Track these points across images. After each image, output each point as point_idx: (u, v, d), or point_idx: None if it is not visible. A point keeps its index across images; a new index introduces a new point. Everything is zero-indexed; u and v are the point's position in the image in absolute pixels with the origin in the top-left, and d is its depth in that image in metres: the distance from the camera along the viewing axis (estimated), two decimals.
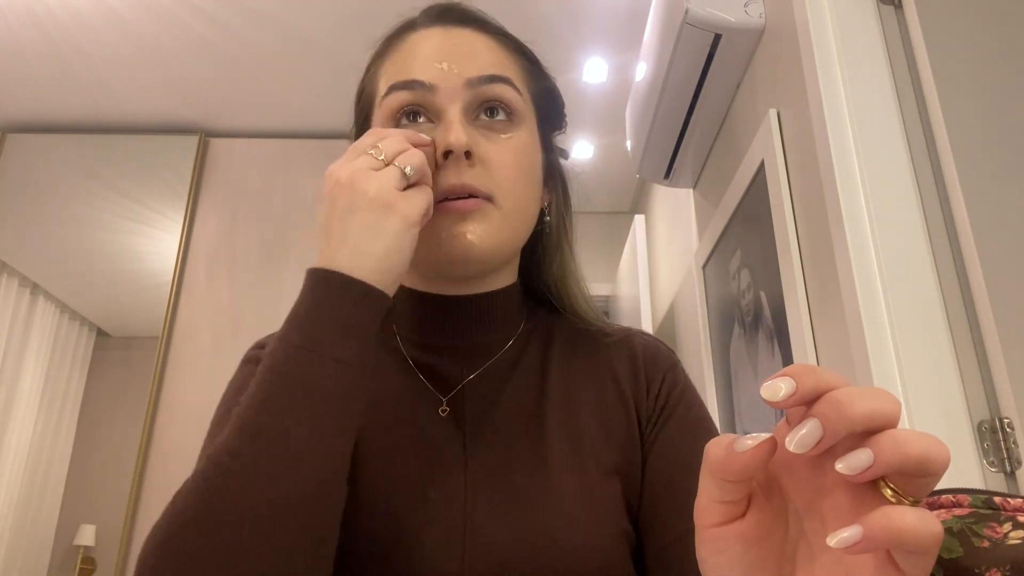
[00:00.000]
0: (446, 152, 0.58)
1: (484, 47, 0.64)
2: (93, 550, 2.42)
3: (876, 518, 0.28)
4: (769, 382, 0.31)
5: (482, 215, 0.58)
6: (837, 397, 0.30)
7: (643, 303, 2.38)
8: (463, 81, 0.60)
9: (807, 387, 0.30)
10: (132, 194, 2.81)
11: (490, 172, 0.59)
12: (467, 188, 0.58)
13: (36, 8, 2.34)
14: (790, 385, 0.30)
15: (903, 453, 0.29)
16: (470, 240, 0.58)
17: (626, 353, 0.67)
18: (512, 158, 0.61)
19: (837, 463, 0.30)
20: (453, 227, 0.58)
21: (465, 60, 0.62)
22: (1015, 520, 0.34)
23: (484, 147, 0.60)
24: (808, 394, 0.30)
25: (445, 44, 0.63)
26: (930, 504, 0.37)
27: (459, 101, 0.60)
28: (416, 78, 0.60)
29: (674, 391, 0.65)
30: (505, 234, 0.60)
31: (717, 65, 1.60)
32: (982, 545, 0.33)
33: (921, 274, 1.06)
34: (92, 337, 2.71)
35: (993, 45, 1.15)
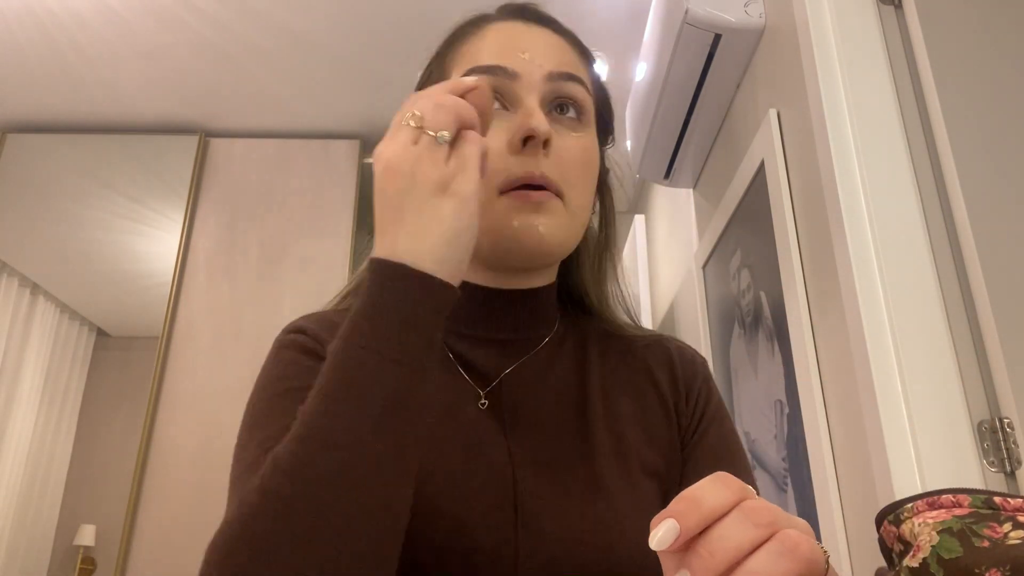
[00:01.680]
0: (525, 138, 0.57)
1: (561, 47, 0.65)
2: (93, 550, 2.42)
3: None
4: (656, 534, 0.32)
5: (552, 209, 0.59)
6: None
7: (643, 303, 2.38)
8: (544, 73, 0.61)
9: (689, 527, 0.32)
10: (132, 194, 2.81)
11: (561, 166, 0.60)
12: (543, 179, 0.58)
13: (36, 8, 2.34)
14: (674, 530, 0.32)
15: None
16: (541, 233, 0.58)
17: (663, 358, 0.68)
18: (581, 155, 0.62)
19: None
20: (526, 217, 0.58)
21: (546, 54, 0.62)
22: (1015, 520, 0.34)
23: (558, 140, 0.60)
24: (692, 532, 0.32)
25: (527, 36, 0.63)
26: (930, 504, 0.37)
27: (537, 92, 0.61)
28: (499, 63, 0.61)
29: (711, 403, 0.66)
30: (569, 231, 0.61)
31: (717, 65, 1.60)
32: (982, 545, 0.33)
33: (921, 274, 1.06)
34: (92, 337, 2.71)
35: (993, 45, 1.15)
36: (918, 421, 0.97)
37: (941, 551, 0.33)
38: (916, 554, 0.34)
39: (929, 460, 0.96)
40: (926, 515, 0.35)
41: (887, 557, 0.40)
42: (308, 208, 2.81)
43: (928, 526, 0.35)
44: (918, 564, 0.34)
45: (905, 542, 0.36)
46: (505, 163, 0.58)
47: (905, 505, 0.37)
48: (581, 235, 0.65)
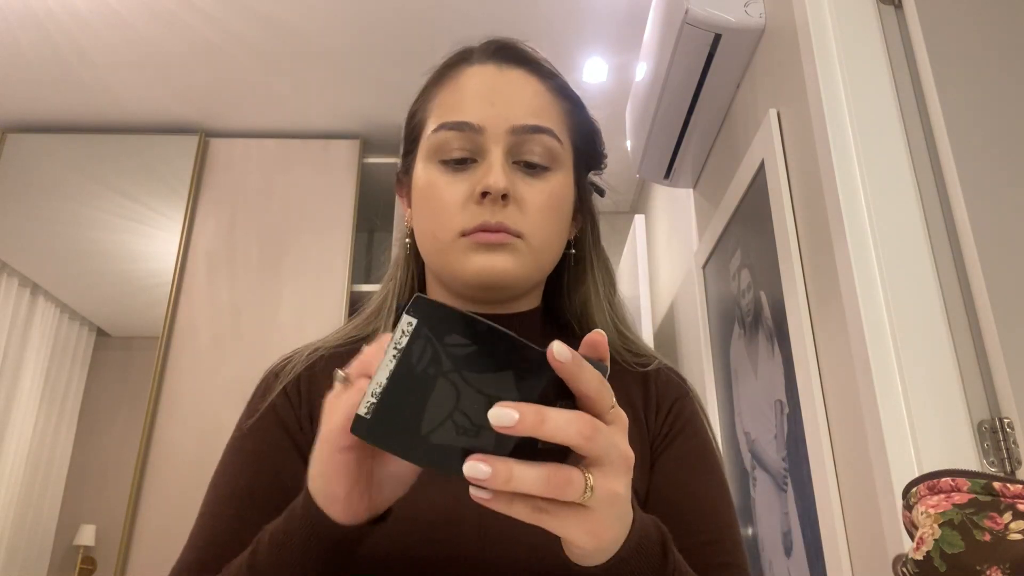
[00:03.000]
0: (484, 192, 0.63)
1: (532, 92, 0.69)
2: (93, 550, 2.42)
3: None
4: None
5: (511, 248, 0.63)
6: None
7: (643, 303, 2.38)
8: (509, 127, 0.65)
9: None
10: (132, 194, 2.81)
11: (523, 212, 0.64)
12: (500, 226, 0.63)
13: (36, 8, 2.34)
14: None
15: None
16: (497, 270, 0.62)
17: (640, 379, 0.71)
18: (545, 199, 0.66)
19: None
20: (481, 256, 0.63)
21: (513, 105, 0.67)
22: (1015, 509, 0.34)
23: (520, 189, 0.65)
24: None
25: (497, 84, 0.68)
26: (930, 488, 0.37)
27: (502, 145, 0.65)
28: (465, 119, 0.65)
29: (681, 416, 0.68)
30: (530, 266, 0.65)
31: (717, 65, 1.60)
32: (983, 539, 0.33)
33: (921, 274, 1.06)
34: (92, 337, 2.71)
35: (993, 45, 1.15)
36: (918, 421, 0.97)
37: (944, 545, 0.33)
38: (920, 547, 0.34)
39: (929, 460, 0.96)
40: (927, 501, 0.35)
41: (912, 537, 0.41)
42: (308, 208, 2.81)
43: (929, 517, 0.35)
44: (922, 557, 0.34)
45: (917, 527, 0.36)
46: (466, 212, 0.64)
47: (911, 490, 0.37)
48: (549, 266, 0.69)
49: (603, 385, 0.38)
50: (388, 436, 0.36)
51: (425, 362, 0.36)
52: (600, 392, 0.37)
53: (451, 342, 0.36)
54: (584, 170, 0.75)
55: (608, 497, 0.37)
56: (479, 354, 0.36)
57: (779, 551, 1.42)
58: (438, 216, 0.65)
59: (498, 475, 0.34)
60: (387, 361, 0.36)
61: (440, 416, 0.35)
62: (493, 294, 0.66)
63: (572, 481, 0.36)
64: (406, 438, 0.36)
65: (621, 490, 0.38)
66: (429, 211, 0.66)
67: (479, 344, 0.36)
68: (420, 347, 0.36)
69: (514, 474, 0.35)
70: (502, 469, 0.34)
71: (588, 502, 0.37)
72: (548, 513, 0.36)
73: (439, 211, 0.64)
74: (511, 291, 0.67)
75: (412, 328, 0.36)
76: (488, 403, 0.35)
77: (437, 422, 0.35)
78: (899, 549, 0.94)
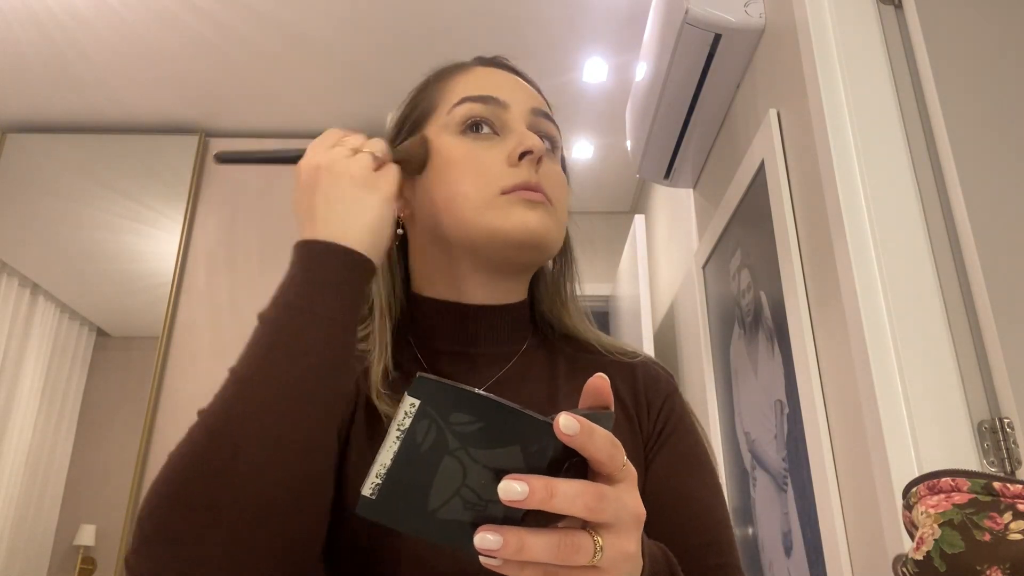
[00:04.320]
0: (523, 153, 0.65)
1: (535, 94, 0.74)
2: (93, 550, 2.42)
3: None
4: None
5: (546, 210, 0.66)
6: None
7: (643, 303, 2.38)
8: (530, 107, 0.70)
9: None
10: (132, 194, 2.81)
11: (550, 182, 0.68)
12: (538, 186, 0.66)
13: (36, 8, 2.34)
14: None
15: None
16: (539, 226, 0.65)
17: (627, 374, 0.72)
18: (561, 178, 0.71)
19: None
20: (524, 211, 0.65)
21: (529, 93, 0.72)
22: (1015, 509, 0.34)
23: (546, 162, 0.69)
24: None
25: (508, 79, 0.73)
26: (930, 487, 0.37)
27: (524, 122, 0.69)
28: (492, 94, 0.69)
29: (672, 416, 0.69)
30: (557, 233, 0.68)
31: (717, 65, 1.60)
32: (983, 539, 0.33)
33: (921, 274, 1.06)
34: (92, 337, 2.71)
35: (993, 45, 1.15)
36: (918, 421, 0.97)
37: (944, 545, 0.33)
38: (920, 547, 0.34)
39: (929, 460, 0.96)
40: (927, 501, 0.35)
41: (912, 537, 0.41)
42: None
43: (930, 517, 0.35)
44: (922, 557, 0.34)
45: (917, 527, 0.36)
46: (504, 173, 0.66)
47: (911, 490, 0.37)
48: (562, 241, 0.71)
49: (614, 447, 0.38)
50: (395, 515, 0.36)
51: (430, 442, 0.35)
52: (612, 456, 0.38)
53: (456, 420, 0.35)
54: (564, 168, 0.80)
55: (619, 556, 0.38)
56: (485, 430, 0.35)
57: (779, 551, 1.42)
58: (473, 177, 0.65)
59: (509, 545, 0.35)
60: (391, 443, 0.36)
61: (448, 493, 0.36)
62: (528, 254, 0.67)
63: (582, 547, 0.36)
64: (414, 516, 0.36)
65: (632, 549, 0.39)
66: (459, 174, 0.66)
67: (485, 421, 0.35)
68: (424, 427, 0.36)
69: (525, 544, 0.35)
70: (512, 540, 0.35)
71: (600, 563, 0.37)
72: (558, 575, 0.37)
73: (474, 172, 0.65)
74: (544, 252, 0.68)
75: (415, 409, 0.36)
76: (496, 477, 0.35)
77: (445, 499, 0.36)
78: (899, 549, 0.94)
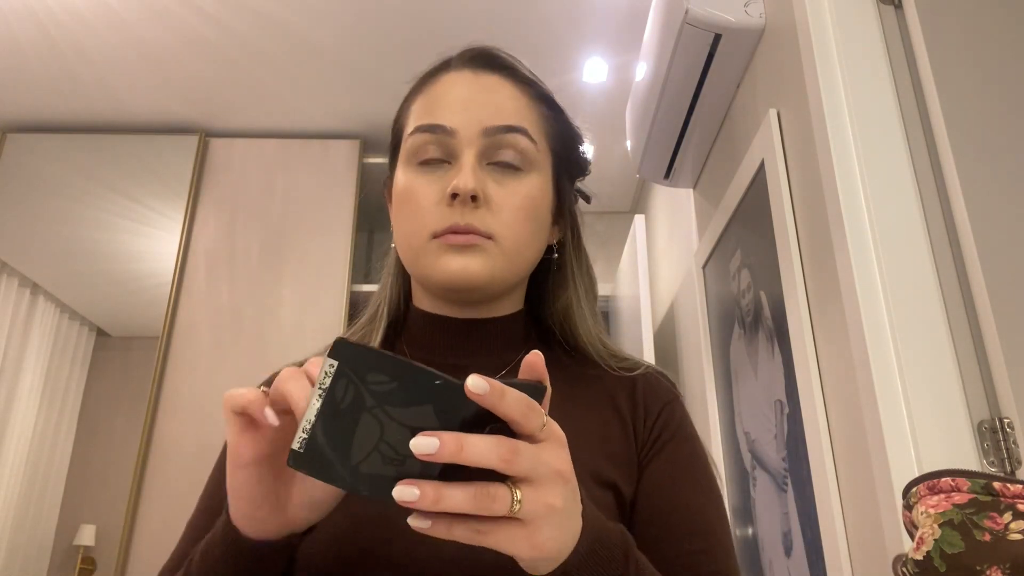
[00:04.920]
0: (453, 193, 0.63)
1: (507, 96, 0.70)
2: (93, 550, 2.42)
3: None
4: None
5: (480, 250, 0.64)
6: None
7: (643, 303, 2.38)
8: (481, 128, 0.66)
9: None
10: (132, 194, 2.81)
11: (494, 213, 0.65)
12: (468, 227, 0.64)
13: (36, 8, 2.34)
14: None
15: None
16: (467, 272, 0.63)
17: (626, 383, 0.71)
18: (519, 201, 0.67)
19: None
20: (451, 257, 0.64)
21: (486, 108, 0.68)
22: (1015, 509, 0.34)
23: (492, 190, 0.66)
24: None
25: (472, 89, 0.69)
26: (930, 487, 0.37)
27: (475, 146, 0.66)
28: (439, 122, 0.67)
29: (670, 424, 0.68)
30: (502, 268, 0.66)
31: (717, 65, 1.60)
32: (983, 539, 0.33)
33: (921, 274, 1.06)
34: (92, 337, 2.71)
35: (993, 45, 1.15)
36: (918, 421, 0.97)
37: (944, 545, 0.33)
38: (920, 547, 0.34)
39: (929, 460, 0.96)
40: (927, 501, 0.35)
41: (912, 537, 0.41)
42: (308, 208, 2.80)
43: (930, 517, 0.35)
44: (922, 557, 0.34)
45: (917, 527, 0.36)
46: (437, 214, 0.65)
47: (911, 490, 0.37)
48: (524, 269, 0.70)
49: (529, 408, 0.40)
50: (320, 467, 0.39)
51: (348, 400, 0.39)
52: (526, 415, 0.39)
53: (372, 380, 0.38)
54: (565, 175, 0.75)
55: (540, 509, 0.39)
56: (399, 389, 0.38)
57: (779, 551, 1.42)
58: (412, 218, 0.66)
59: (426, 496, 0.36)
60: (314, 400, 0.39)
61: (367, 448, 0.38)
62: (465, 296, 0.67)
63: (498, 496, 0.38)
64: (337, 469, 0.38)
65: (556, 503, 0.40)
66: (404, 214, 0.67)
67: (399, 381, 0.38)
68: (343, 386, 0.39)
69: (442, 495, 0.37)
70: (429, 491, 0.36)
71: (522, 516, 0.39)
72: (486, 533, 0.39)
73: (413, 213, 0.66)
74: (482, 293, 0.67)
75: (334, 370, 0.39)
76: (412, 434, 0.37)
77: (365, 453, 0.38)
78: (899, 549, 0.94)
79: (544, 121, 0.72)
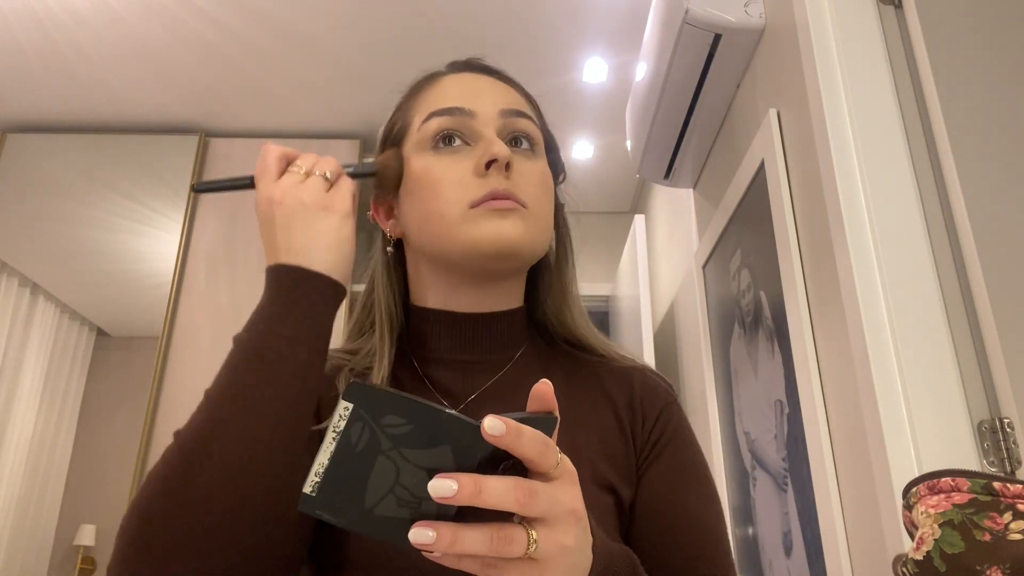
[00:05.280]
0: (489, 162, 0.65)
1: (509, 91, 0.73)
2: (93, 550, 2.42)
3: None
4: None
5: (519, 216, 0.65)
6: None
7: (643, 303, 2.38)
8: (498, 110, 0.69)
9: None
10: (132, 194, 2.81)
11: (523, 184, 0.66)
12: (507, 192, 0.65)
13: (36, 8, 2.34)
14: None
15: None
16: (512, 235, 0.64)
17: (624, 382, 0.71)
18: (539, 177, 0.69)
19: None
20: (494, 222, 0.64)
21: (499, 94, 0.71)
22: (1015, 509, 0.34)
23: (518, 163, 0.67)
24: None
25: (478, 83, 0.72)
26: (930, 487, 0.37)
27: (493, 126, 0.68)
28: (456, 105, 0.69)
29: (668, 428, 0.69)
30: (536, 237, 0.67)
31: (717, 65, 1.60)
32: (983, 539, 0.33)
33: (921, 274, 1.06)
34: (92, 337, 2.71)
35: (993, 45, 1.15)
36: (918, 421, 0.97)
37: (944, 545, 0.33)
38: (920, 547, 0.34)
39: (929, 460, 0.96)
40: (927, 501, 0.35)
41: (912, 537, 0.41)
42: None
43: (930, 517, 0.35)
44: (922, 557, 0.34)
45: (917, 527, 0.36)
46: (472, 185, 0.65)
47: (911, 490, 0.37)
48: (546, 246, 0.70)
49: (544, 446, 0.39)
50: (333, 510, 0.38)
51: (364, 443, 0.38)
52: (542, 454, 0.39)
53: (388, 423, 0.38)
54: (555, 171, 0.77)
55: (555, 550, 0.39)
56: (416, 432, 0.37)
57: (779, 551, 1.42)
58: (444, 194, 0.65)
59: (442, 539, 0.36)
60: (328, 443, 0.38)
61: (382, 491, 0.38)
62: (505, 263, 0.66)
63: (514, 539, 0.38)
64: (352, 512, 0.38)
65: (569, 542, 0.40)
66: (430, 193, 0.66)
67: (415, 423, 0.37)
68: (358, 429, 0.38)
69: (458, 537, 0.37)
70: (446, 533, 0.36)
71: (535, 555, 0.39)
72: (497, 568, 0.38)
73: (444, 189, 0.65)
74: (522, 259, 0.67)
75: (349, 412, 0.38)
76: (428, 476, 0.37)
77: (380, 496, 0.38)
78: (899, 549, 0.94)
79: (538, 117, 0.75)
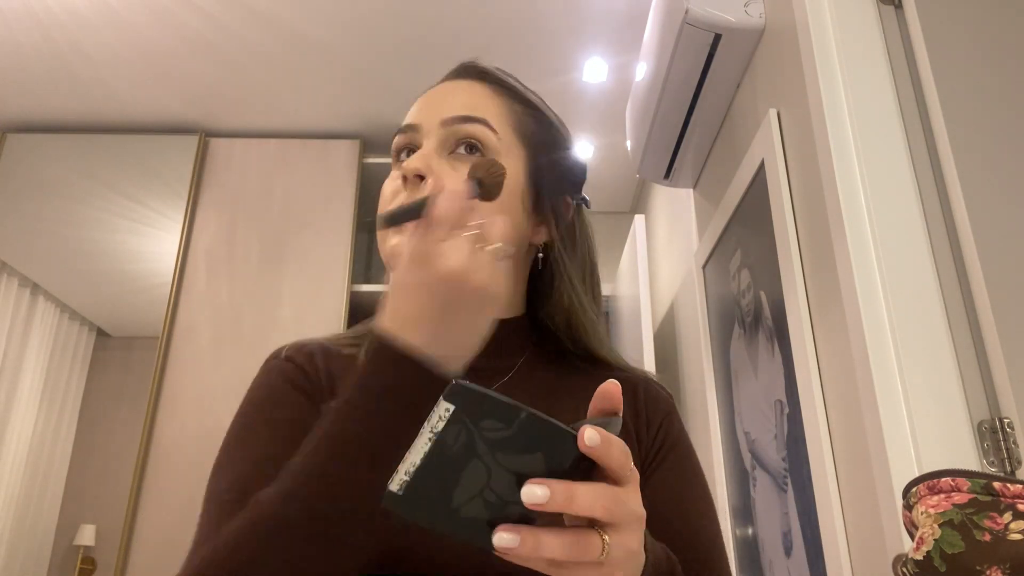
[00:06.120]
0: (403, 177, 0.67)
1: (472, 93, 0.73)
2: (93, 550, 2.42)
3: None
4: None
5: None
6: None
7: (643, 303, 2.38)
8: (439, 120, 0.70)
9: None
10: (132, 194, 2.80)
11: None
12: None
13: (36, 8, 2.34)
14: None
15: None
16: (399, 250, 0.63)
17: (628, 389, 0.71)
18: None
19: None
20: (394, 238, 0.65)
21: (446, 104, 0.71)
22: (1015, 509, 0.34)
23: (446, 173, 0.67)
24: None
25: (440, 91, 0.73)
26: (930, 487, 0.37)
27: (434, 137, 0.69)
28: (409, 122, 0.72)
29: (670, 436, 0.71)
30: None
31: (717, 65, 1.60)
32: (983, 539, 0.33)
33: (921, 274, 1.06)
34: (92, 337, 2.71)
35: (993, 45, 1.15)
36: (918, 421, 0.97)
37: (944, 545, 0.33)
38: (920, 547, 0.34)
39: (929, 460, 0.96)
40: (927, 501, 0.35)
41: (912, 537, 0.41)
42: (308, 208, 2.80)
43: (930, 517, 0.35)
44: (922, 557, 0.34)
45: (917, 527, 0.36)
46: (393, 200, 0.67)
47: (911, 490, 0.37)
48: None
49: (625, 455, 0.41)
50: (418, 510, 0.38)
51: (460, 445, 0.37)
52: (624, 464, 0.40)
53: (487, 427, 0.37)
54: (547, 174, 0.73)
55: (623, 554, 0.41)
56: (513, 437, 0.37)
57: (779, 551, 1.42)
58: (379, 209, 0.68)
59: (526, 544, 0.37)
60: (422, 443, 0.38)
61: (471, 493, 0.38)
62: None
63: (592, 545, 0.39)
64: (436, 513, 0.38)
65: (635, 547, 0.42)
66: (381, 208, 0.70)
67: (515, 428, 0.37)
68: (455, 431, 0.37)
69: (541, 542, 0.37)
70: (529, 539, 0.37)
71: (605, 560, 0.40)
72: (567, 569, 0.40)
73: (380, 204, 0.69)
74: None
75: (449, 414, 0.37)
76: (518, 481, 0.37)
77: (467, 499, 0.38)
78: (899, 549, 0.94)
79: (513, 115, 0.72)
